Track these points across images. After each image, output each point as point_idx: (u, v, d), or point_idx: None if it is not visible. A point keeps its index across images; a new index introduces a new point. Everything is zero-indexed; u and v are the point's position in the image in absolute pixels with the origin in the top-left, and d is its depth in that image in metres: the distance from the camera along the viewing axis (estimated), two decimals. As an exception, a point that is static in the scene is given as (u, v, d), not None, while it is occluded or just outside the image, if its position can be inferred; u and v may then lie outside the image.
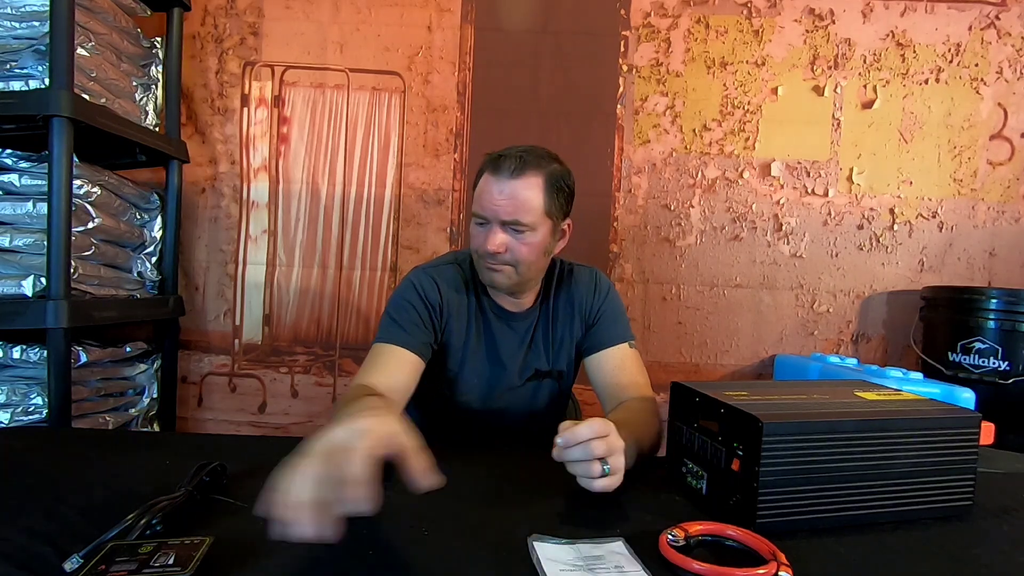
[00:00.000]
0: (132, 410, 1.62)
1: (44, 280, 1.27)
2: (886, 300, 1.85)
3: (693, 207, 1.84)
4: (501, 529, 0.62)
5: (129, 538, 0.55)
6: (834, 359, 1.61)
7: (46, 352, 1.27)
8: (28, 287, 1.27)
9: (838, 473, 0.66)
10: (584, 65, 1.82)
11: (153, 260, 1.65)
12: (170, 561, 0.51)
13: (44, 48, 1.27)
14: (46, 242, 1.25)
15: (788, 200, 1.84)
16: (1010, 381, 1.53)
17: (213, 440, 1.12)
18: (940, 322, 1.71)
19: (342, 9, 1.81)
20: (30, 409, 1.31)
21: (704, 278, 1.85)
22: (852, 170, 1.83)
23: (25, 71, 1.31)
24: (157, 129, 1.66)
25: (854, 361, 1.63)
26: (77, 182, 1.32)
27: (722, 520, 0.63)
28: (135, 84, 1.60)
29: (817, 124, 1.83)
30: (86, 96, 1.35)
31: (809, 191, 1.84)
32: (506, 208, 0.92)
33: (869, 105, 1.82)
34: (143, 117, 1.62)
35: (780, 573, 0.53)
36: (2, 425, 1.29)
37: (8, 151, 1.31)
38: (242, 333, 1.85)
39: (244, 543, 0.56)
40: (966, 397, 1.35)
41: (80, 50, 1.33)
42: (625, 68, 1.82)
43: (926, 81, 1.81)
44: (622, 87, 1.83)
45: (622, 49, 1.82)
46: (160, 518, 0.57)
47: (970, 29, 1.80)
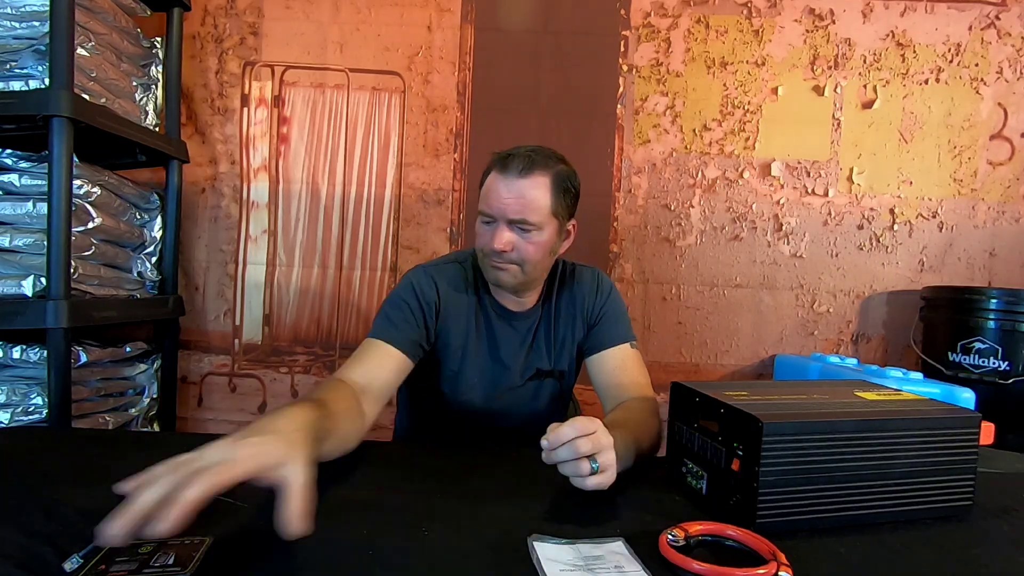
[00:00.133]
0: (132, 410, 1.62)
1: (44, 280, 1.27)
2: (886, 300, 1.85)
3: (693, 207, 1.84)
4: (501, 529, 0.61)
5: (129, 538, 0.55)
6: (834, 359, 1.61)
7: (46, 352, 1.27)
8: (28, 287, 1.27)
9: (838, 473, 0.66)
10: (584, 65, 1.82)
11: (153, 260, 1.65)
12: (170, 561, 0.51)
13: (44, 48, 1.27)
14: (46, 242, 1.24)
15: (788, 200, 1.84)
16: (1010, 381, 1.53)
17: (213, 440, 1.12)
18: (940, 322, 1.71)
19: (342, 9, 1.81)
20: (30, 409, 1.31)
21: (704, 278, 1.85)
22: (852, 170, 1.83)
23: (25, 71, 1.31)
24: (157, 129, 1.66)
25: (854, 361, 1.63)
26: (77, 182, 1.32)
27: (722, 520, 0.63)
28: (135, 84, 1.60)
29: (817, 124, 1.83)
30: (86, 96, 1.35)
31: (809, 191, 1.84)
32: (513, 207, 0.92)
33: (869, 105, 1.82)
34: (143, 117, 1.62)
35: (780, 573, 0.53)
36: (2, 425, 1.29)
37: (8, 151, 1.31)
38: (242, 333, 1.85)
39: (244, 543, 0.56)
40: (966, 397, 1.35)
41: (80, 50, 1.33)
42: (625, 68, 1.82)
43: (926, 81, 1.81)
44: (622, 87, 1.83)
45: (622, 49, 1.82)
46: (160, 518, 0.57)
47: (970, 29, 1.80)
